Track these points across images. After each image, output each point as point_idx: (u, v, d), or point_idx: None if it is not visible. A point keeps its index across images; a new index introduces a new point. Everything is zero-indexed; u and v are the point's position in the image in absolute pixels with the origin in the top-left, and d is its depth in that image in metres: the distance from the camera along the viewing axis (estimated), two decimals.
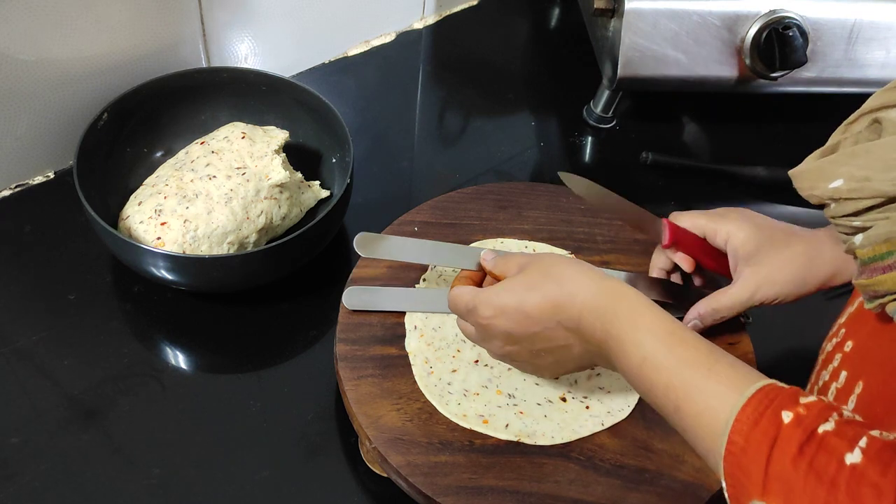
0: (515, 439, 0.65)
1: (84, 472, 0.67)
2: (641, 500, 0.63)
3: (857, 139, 0.50)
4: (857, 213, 0.47)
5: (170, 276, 0.74)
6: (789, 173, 0.53)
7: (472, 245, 0.78)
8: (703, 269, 0.73)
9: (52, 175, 0.88)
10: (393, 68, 1.09)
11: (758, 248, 0.68)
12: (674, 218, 0.73)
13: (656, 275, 0.75)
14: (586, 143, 1.03)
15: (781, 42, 0.91)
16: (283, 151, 0.83)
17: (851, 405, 0.51)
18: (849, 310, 0.58)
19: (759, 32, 0.92)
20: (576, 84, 1.08)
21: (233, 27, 0.95)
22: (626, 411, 0.68)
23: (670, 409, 0.51)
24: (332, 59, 1.08)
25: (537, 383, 0.69)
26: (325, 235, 0.80)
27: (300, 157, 0.88)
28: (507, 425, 0.66)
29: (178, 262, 0.73)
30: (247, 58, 0.99)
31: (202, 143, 0.83)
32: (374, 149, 0.98)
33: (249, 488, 0.68)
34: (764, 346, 0.74)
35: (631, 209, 0.72)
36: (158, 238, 0.76)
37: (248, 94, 0.89)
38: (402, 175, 0.96)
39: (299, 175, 0.85)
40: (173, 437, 0.70)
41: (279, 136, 0.84)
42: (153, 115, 0.86)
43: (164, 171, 0.82)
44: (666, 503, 0.63)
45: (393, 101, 1.05)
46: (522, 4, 1.23)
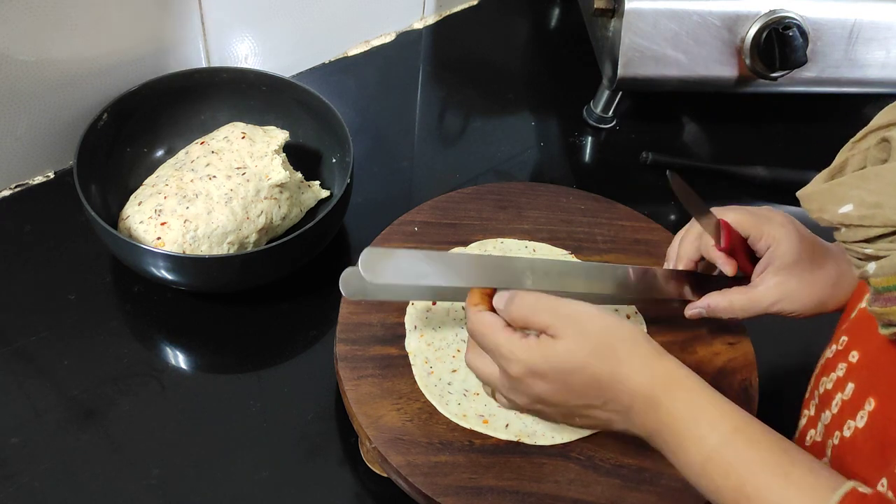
0: (515, 439, 0.65)
1: (84, 472, 0.67)
2: (641, 499, 0.63)
3: (865, 157, 0.50)
4: (868, 241, 0.46)
5: (170, 276, 0.74)
6: (797, 194, 0.52)
7: (471, 245, 0.78)
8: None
9: (52, 175, 0.88)
10: (393, 68, 1.09)
11: (795, 261, 0.65)
12: (719, 213, 0.68)
13: (684, 266, 0.71)
14: (586, 143, 1.03)
15: (781, 42, 0.91)
16: (283, 151, 0.83)
17: (861, 421, 0.50)
18: (849, 316, 0.57)
19: (759, 32, 0.92)
20: (576, 84, 1.08)
21: (233, 27, 0.95)
22: None
23: None
24: (332, 59, 1.08)
25: None
26: (325, 235, 0.80)
27: (300, 157, 0.88)
28: (507, 425, 0.66)
29: (178, 262, 0.73)
30: (247, 58, 0.99)
31: (202, 143, 0.83)
32: (374, 149, 0.98)
33: (249, 488, 0.68)
34: (764, 347, 0.74)
35: (696, 202, 0.66)
36: (158, 238, 0.76)
37: (248, 94, 0.89)
38: (402, 175, 0.96)
39: (299, 175, 0.85)
40: (173, 437, 0.70)
41: (279, 136, 0.84)
42: (153, 115, 0.86)
43: (164, 171, 0.82)
44: (666, 503, 0.63)
45: (393, 101, 1.05)
46: (522, 4, 1.23)
